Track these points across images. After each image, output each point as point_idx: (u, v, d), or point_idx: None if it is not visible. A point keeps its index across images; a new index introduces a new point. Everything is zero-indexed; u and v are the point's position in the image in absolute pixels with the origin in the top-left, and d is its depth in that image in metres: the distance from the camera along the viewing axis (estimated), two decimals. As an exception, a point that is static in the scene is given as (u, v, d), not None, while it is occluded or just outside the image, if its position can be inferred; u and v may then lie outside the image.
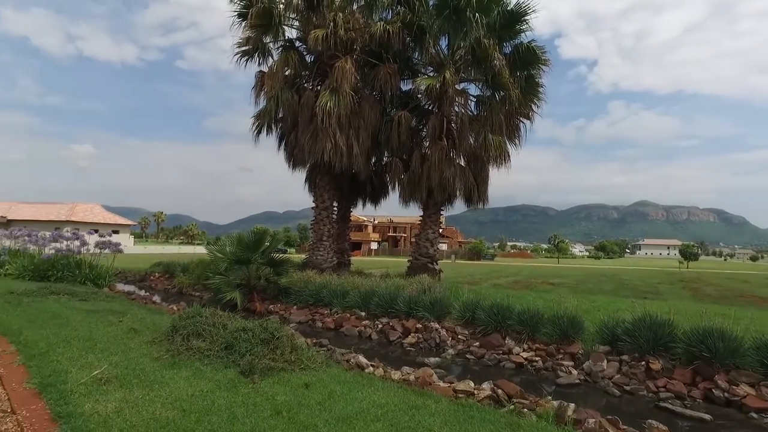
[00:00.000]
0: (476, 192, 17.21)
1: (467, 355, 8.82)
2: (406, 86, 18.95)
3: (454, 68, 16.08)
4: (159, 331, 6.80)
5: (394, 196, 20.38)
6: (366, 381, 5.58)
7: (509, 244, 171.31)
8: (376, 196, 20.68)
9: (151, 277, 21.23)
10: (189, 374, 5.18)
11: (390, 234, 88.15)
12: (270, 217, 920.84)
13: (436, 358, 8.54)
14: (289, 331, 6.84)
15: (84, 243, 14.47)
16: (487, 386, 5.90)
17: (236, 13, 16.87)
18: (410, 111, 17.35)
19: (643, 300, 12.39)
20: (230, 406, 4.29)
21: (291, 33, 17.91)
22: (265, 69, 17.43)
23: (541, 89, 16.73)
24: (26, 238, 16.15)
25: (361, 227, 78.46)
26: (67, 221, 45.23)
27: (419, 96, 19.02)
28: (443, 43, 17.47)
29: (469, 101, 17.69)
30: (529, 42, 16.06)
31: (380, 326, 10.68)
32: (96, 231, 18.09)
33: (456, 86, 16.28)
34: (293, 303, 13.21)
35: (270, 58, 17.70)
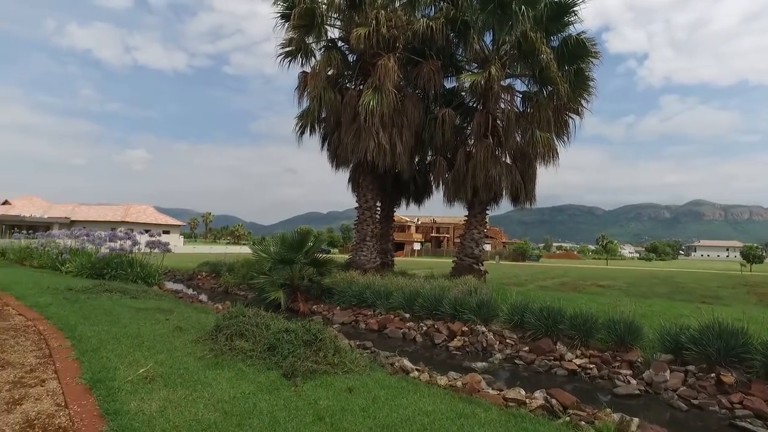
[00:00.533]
0: (523, 191, 16.67)
1: (516, 361, 8.42)
2: (449, 84, 18.65)
3: (500, 63, 15.60)
4: (203, 330, 6.83)
5: (437, 196, 20.11)
6: (411, 386, 5.36)
7: (554, 244, 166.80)
8: (420, 195, 20.42)
9: (198, 276, 21.77)
10: (231, 375, 5.13)
11: (433, 234, 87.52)
12: (313, 217, 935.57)
13: (483, 363, 8.20)
14: (332, 333, 6.71)
15: (135, 242, 14.97)
16: (539, 395, 5.56)
17: (279, 14, 17.01)
18: (454, 108, 17.03)
19: (702, 305, 11.56)
20: (272, 410, 4.18)
21: (333, 33, 17.99)
22: (307, 69, 17.51)
23: (591, 83, 16.02)
24: (85, 237, 16.89)
25: (403, 227, 78.25)
26: (122, 222, 47.38)
27: (463, 93, 18.65)
28: (487, 38, 17.06)
29: (515, 97, 17.17)
30: (578, 34, 15.39)
31: (425, 329, 10.42)
32: (147, 231, 18.74)
33: (501, 82, 15.81)
34: (336, 303, 13.14)
35: (312, 58, 17.77)
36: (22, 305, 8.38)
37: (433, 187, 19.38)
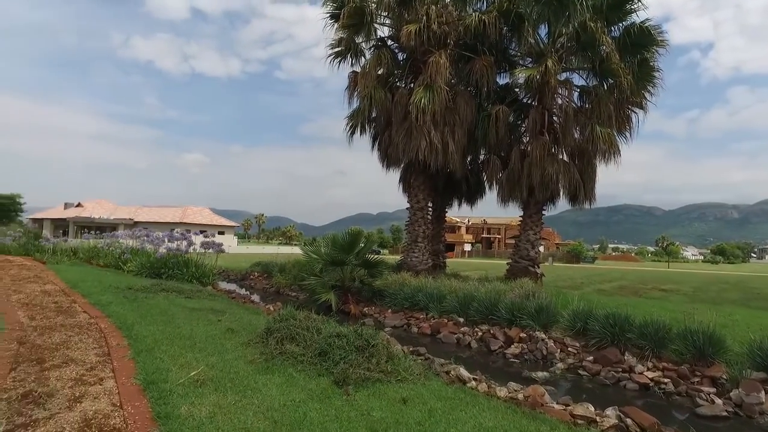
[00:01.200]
0: (582, 189, 15.86)
1: (579, 371, 7.88)
2: (502, 80, 18.11)
3: (556, 57, 14.88)
4: (254, 333, 6.76)
5: (490, 196, 19.57)
6: (469, 398, 5.04)
7: (610, 246, 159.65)
8: (472, 195, 19.92)
9: (251, 277, 22.18)
10: (282, 381, 4.99)
11: (483, 235, 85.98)
12: (363, 218, 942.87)
13: (544, 373, 7.71)
14: (385, 339, 6.46)
15: (191, 243, 15.36)
16: (612, 413, 5.07)
17: (328, 14, 17.04)
18: (507, 105, 16.47)
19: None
20: (323, 421, 3.97)
21: (382, 32, 17.86)
22: (357, 69, 17.45)
23: (656, 74, 14.95)
24: (144, 238, 17.57)
25: (453, 228, 77.28)
26: (181, 223, 49.34)
27: (516, 90, 18.04)
28: (542, 31, 16.37)
29: (573, 92, 16.33)
30: (641, 22, 14.40)
31: (480, 334, 10.01)
32: (203, 232, 19.28)
33: (558, 76, 15.08)
34: (388, 306, 12.91)
35: (362, 57, 17.69)
36: (87, 303, 8.67)
37: (486, 186, 18.90)
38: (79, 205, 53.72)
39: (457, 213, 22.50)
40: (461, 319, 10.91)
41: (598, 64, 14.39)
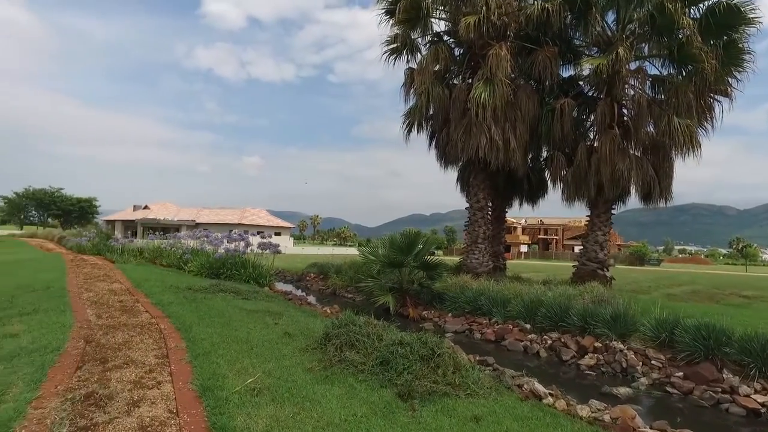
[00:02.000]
0: (657, 186, 14.63)
1: (667, 388, 7.05)
2: (564, 72, 17.07)
3: (627, 44, 13.78)
4: (312, 337, 6.50)
5: (550, 195, 18.58)
6: (549, 418, 4.51)
7: (676, 248, 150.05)
8: (534, 194, 19.00)
9: (307, 278, 22.22)
10: (342, 392, 4.67)
11: (540, 236, 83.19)
12: (417, 219, 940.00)
13: (627, 389, 6.92)
14: (451, 347, 6.00)
15: (248, 244, 15.47)
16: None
17: (384, 10, 16.72)
18: (572, 99, 15.45)
19: None
20: (388, 441, 3.58)
21: (438, 26, 17.35)
22: (413, 66, 17.01)
23: (745, 56, 13.48)
24: (204, 238, 17.96)
25: (509, 229, 75.20)
26: (239, 224, 50.77)
27: (580, 82, 16.97)
28: (609, 18, 15.28)
29: (646, 81, 15.10)
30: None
31: (549, 342, 9.31)
32: (261, 233, 19.49)
33: (629, 65, 13.98)
34: (448, 310, 12.38)
35: (418, 54, 17.25)
36: (149, 302, 8.78)
37: (549, 185, 17.88)
38: (146, 207, 56.56)
39: (518, 213, 21.58)
40: (528, 326, 10.22)
41: (676, 49, 13.14)
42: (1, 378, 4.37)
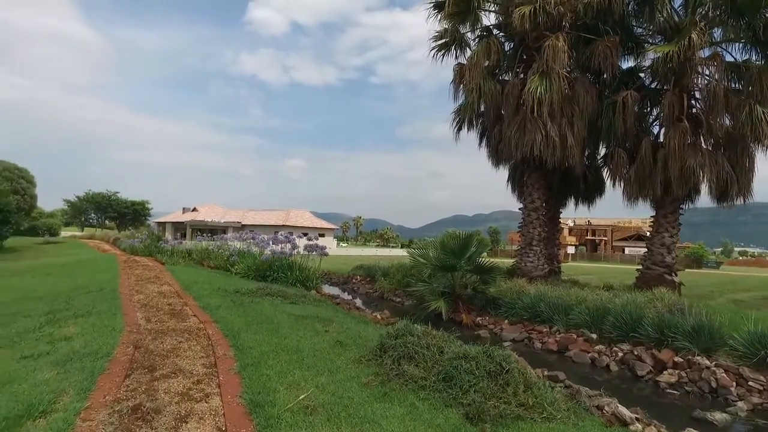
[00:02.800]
0: (735, 184, 13.39)
1: (773, 415, 6.14)
2: (623, 64, 15.99)
3: (699, 29, 12.68)
4: (365, 347, 6.05)
5: (608, 194, 17.49)
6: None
7: (736, 249, 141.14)
8: (591, 194, 17.92)
9: (353, 280, 21.89)
10: (403, 412, 4.20)
11: (588, 237, 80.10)
12: (459, 220, 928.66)
13: (723, 414, 6.03)
14: (519, 361, 5.40)
15: (294, 246, 15.22)
16: None
17: (432, 4, 16.17)
18: (635, 91, 14.40)
19: None
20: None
21: (488, 20, 16.67)
22: (462, 61, 16.37)
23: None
24: (251, 240, 17.92)
25: (556, 230, 72.72)
26: (284, 225, 51.34)
27: (641, 74, 15.85)
28: (676, 2, 14.16)
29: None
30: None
31: (620, 355, 8.49)
32: (305, 234, 19.32)
33: (700, 52, 12.88)
34: (504, 316, 11.69)
35: (467, 49, 16.61)
36: (197, 306, 8.60)
37: (608, 183, 16.77)
38: (194, 209, 58.14)
39: (573, 214, 20.47)
40: (594, 336, 9.41)
41: (762, 30, 11.95)
42: (53, 384, 4.23)
